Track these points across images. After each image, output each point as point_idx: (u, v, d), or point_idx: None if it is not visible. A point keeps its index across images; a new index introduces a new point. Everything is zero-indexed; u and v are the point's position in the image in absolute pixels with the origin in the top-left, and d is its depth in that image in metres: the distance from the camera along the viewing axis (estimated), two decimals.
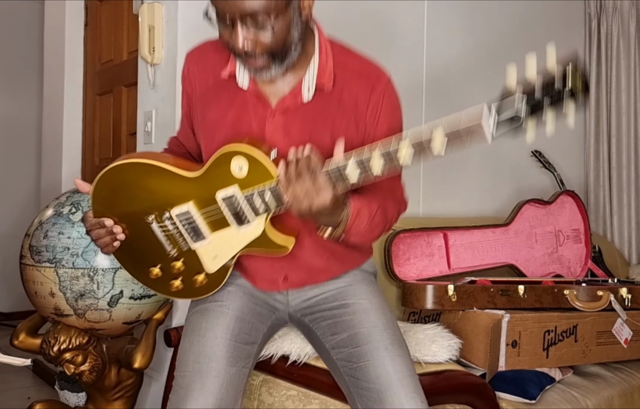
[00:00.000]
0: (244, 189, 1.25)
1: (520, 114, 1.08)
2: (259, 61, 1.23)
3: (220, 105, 1.36)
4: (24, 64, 4.25)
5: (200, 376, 1.30)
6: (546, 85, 1.06)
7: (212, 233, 1.32)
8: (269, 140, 1.31)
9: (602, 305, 1.95)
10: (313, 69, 1.31)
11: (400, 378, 1.31)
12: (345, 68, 1.33)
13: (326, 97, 1.32)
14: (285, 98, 1.31)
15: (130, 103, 2.62)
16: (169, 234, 1.35)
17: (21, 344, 1.91)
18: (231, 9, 1.16)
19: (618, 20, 3.28)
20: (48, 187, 3.10)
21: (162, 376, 2.04)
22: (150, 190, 1.31)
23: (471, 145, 1.12)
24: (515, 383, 1.84)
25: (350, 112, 1.32)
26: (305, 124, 1.31)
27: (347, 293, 1.45)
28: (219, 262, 1.36)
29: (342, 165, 1.16)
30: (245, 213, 1.27)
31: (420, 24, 2.70)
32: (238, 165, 1.23)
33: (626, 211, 3.26)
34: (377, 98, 1.33)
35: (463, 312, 1.89)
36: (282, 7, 1.17)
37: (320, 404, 1.56)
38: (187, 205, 1.30)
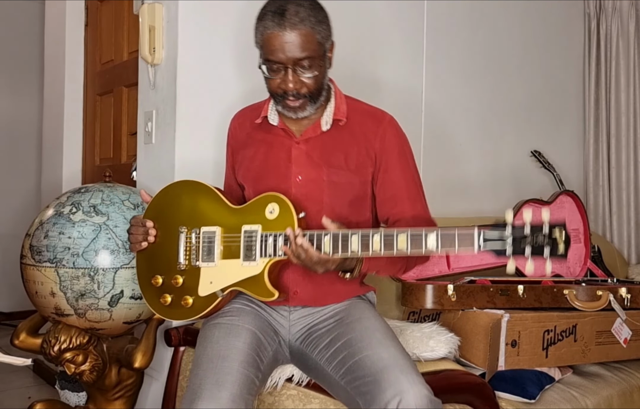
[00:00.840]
0: (265, 230, 1.46)
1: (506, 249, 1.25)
2: (299, 101, 1.51)
3: (254, 143, 1.64)
4: (24, 64, 4.25)
5: (214, 374, 1.38)
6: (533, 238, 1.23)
7: (220, 260, 1.51)
8: (295, 162, 1.57)
9: (601, 304, 1.95)
10: (331, 107, 1.59)
11: (395, 360, 1.37)
12: (356, 110, 1.62)
13: (341, 129, 1.59)
14: (307, 130, 1.58)
15: (131, 104, 2.63)
16: (189, 246, 1.55)
17: (22, 344, 1.92)
18: (287, 58, 1.45)
19: (617, 20, 3.28)
20: (48, 187, 3.10)
21: (162, 375, 2.05)
22: (195, 206, 1.56)
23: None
24: (515, 382, 1.84)
25: (361, 141, 1.58)
26: (324, 149, 1.57)
27: (344, 312, 1.57)
28: (212, 288, 1.51)
29: (344, 234, 1.37)
30: (255, 250, 1.47)
31: (420, 25, 2.71)
32: (271, 209, 1.48)
33: (625, 211, 3.26)
34: (384, 130, 1.59)
35: (463, 312, 1.89)
36: (322, 55, 1.50)
37: (320, 404, 1.57)
38: (216, 228, 1.52)
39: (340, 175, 1.56)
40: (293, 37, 1.44)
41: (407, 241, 1.33)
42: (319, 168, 1.56)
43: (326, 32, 1.50)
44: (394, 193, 1.58)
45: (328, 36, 1.51)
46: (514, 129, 3.10)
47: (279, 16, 1.44)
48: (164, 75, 2.12)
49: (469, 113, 2.90)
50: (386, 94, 2.54)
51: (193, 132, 2.09)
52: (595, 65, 3.37)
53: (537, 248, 1.21)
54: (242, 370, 1.39)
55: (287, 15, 1.44)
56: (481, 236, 1.27)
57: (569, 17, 3.37)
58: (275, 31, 1.44)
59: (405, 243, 1.33)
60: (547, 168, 2.99)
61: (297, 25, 1.44)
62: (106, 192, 1.87)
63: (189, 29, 2.07)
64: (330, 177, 1.55)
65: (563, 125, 3.36)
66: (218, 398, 1.32)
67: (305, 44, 1.45)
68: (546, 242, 1.21)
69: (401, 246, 1.33)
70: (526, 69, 3.14)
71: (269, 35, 1.45)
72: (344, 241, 1.37)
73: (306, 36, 1.45)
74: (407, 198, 1.58)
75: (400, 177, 1.59)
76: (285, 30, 1.44)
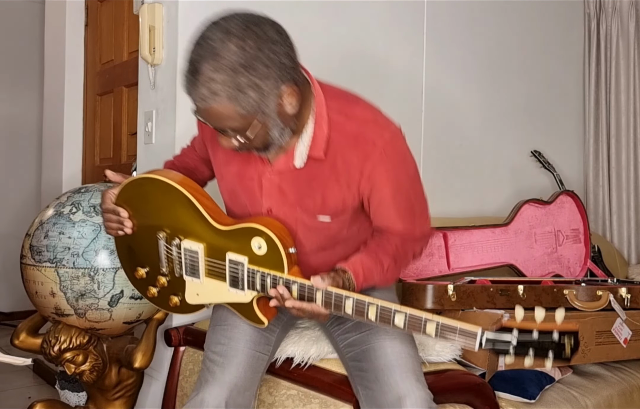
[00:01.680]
0: (252, 264, 1.33)
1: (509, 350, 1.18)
2: (253, 149, 1.31)
3: (227, 153, 1.41)
4: (24, 64, 4.25)
5: (222, 356, 1.41)
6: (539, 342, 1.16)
7: (205, 278, 1.41)
8: (266, 193, 1.39)
9: (601, 304, 1.95)
10: (307, 138, 1.32)
11: (398, 358, 1.37)
12: (341, 133, 1.32)
13: (319, 164, 1.34)
14: (280, 160, 1.36)
15: (131, 104, 2.63)
16: (170, 257, 1.44)
17: (22, 344, 1.92)
18: (209, 124, 1.25)
19: (617, 20, 3.28)
20: (48, 187, 3.10)
21: (162, 375, 2.05)
22: (175, 215, 1.41)
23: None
24: (515, 382, 1.84)
25: (343, 178, 1.34)
26: (298, 186, 1.36)
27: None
28: (199, 300, 1.45)
29: (337, 296, 1.25)
30: (243, 282, 1.35)
31: (420, 25, 2.71)
32: (258, 244, 1.32)
33: (625, 211, 3.26)
34: (372, 167, 1.32)
35: (463, 312, 1.89)
36: (252, 122, 1.22)
37: (320, 404, 1.57)
38: (198, 246, 1.39)
39: (315, 219, 1.38)
40: (207, 110, 1.20)
41: (405, 321, 1.22)
42: (291, 207, 1.38)
43: (257, 98, 1.19)
44: (386, 218, 1.41)
45: (265, 99, 1.20)
46: (514, 129, 3.10)
47: (190, 80, 1.20)
48: (164, 75, 2.12)
49: (469, 113, 2.90)
50: (386, 94, 2.55)
51: (193, 132, 2.08)
52: (595, 65, 3.37)
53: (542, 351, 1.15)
54: (247, 350, 1.43)
55: (197, 84, 1.18)
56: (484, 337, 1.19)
57: (569, 17, 3.37)
58: (190, 95, 1.22)
59: (403, 322, 1.22)
60: (547, 168, 2.99)
61: (208, 99, 1.18)
62: None
63: (189, 29, 2.06)
64: (304, 220, 1.38)
65: (563, 125, 3.36)
66: (225, 374, 1.38)
67: (224, 119, 1.21)
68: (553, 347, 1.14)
69: (398, 322, 1.23)
70: (526, 69, 3.14)
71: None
72: (337, 302, 1.26)
73: (222, 112, 1.19)
74: (400, 222, 1.42)
75: (393, 208, 1.39)
76: (197, 101, 1.21)
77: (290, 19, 2.24)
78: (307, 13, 2.30)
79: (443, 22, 2.77)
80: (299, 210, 1.38)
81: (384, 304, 1.23)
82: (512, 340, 1.16)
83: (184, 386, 1.93)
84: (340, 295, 1.26)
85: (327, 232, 1.41)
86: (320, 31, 2.34)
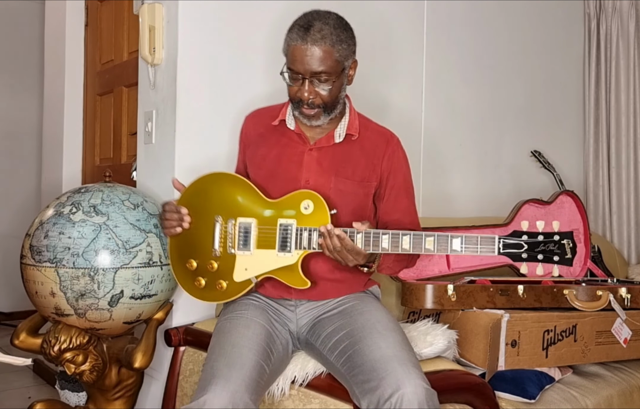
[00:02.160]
0: (300, 224, 1.56)
1: (521, 256, 1.43)
2: (314, 111, 1.62)
3: (269, 143, 1.73)
4: (24, 64, 4.26)
5: (226, 360, 1.44)
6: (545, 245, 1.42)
7: (256, 249, 1.60)
8: (306, 167, 1.67)
9: (601, 304, 1.95)
10: (345, 121, 1.71)
11: (393, 349, 1.42)
12: (367, 128, 1.74)
13: (352, 143, 1.70)
14: (321, 139, 1.70)
15: (131, 104, 2.63)
16: (225, 235, 1.62)
17: (22, 344, 1.91)
18: (305, 69, 1.57)
19: (617, 20, 3.28)
20: (48, 187, 3.10)
21: (162, 375, 2.05)
22: (231, 197, 1.64)
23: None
24: (515, 382, 1.84)
25: (370, 157, 1.70)
26: (334, 159, 1.68)
27: (348, 305, 1.65)
28: (248, 274, 1.60)
29: (375, 233, 1.50)
30: (291, 243, 1.57)
31: (420, 25, 2.71)
32: (306, 204, 1.57)
33: (625, 211, 3.26)
34: (392, 151, 1.72)
35: (463, 312, 1.89)
36: (339, 71, 1.61)
37: (320, 404, 1.57)
38: (252, 220, 1.61)
39: (347, 184, 1.66)
40: (313, 51, 1.56)
41: (435, 243, 1.49)
42: (327, 176, 1.66)
43: (347, 51, 1.61)
44: (397, 209, 1.72)
45: (349, 55, 1.62)
46: (514, 129, 3.10)
47: (304, 30, 1.57)
48: (164, 75, 2.12)
49: (469, 113, 2.90)
50: (386, 94, 2.55)
51: (193, 132, 2.09)
52: (595, 65, 3.37)
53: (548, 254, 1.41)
54: (252, 356, 1.46)
55: (311, 31, 1.56)
56: (500, 242, 1.43)
57: (569, 17, 3.37)
58: (298, 43, 1.57)
59: (433, 244, 1.49)
60: (547, 168, 2.99)
61: (318, 41, 1.56)
62: (106, 192, 1.87)
63: (189, 29, 2.07)
64: (337, 185, 1.65)
65: (563, 125, 3.36)
66: (229, 378, 1.38)
67: (324, 60, 1.56)
68: (556, 249, 1.40)
69: (429, 246, 1.48)
70: (526, 69, 3.14)
71: (293, 46, 1.58)
72: (375, 239, 1.50)
73: (325, 52, 1.56)
74: (407, 214, 1.73)
75: (405, 197, 1.74)
76: (307, 44, 1.56)
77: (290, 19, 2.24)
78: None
79: (443, 22, 2.77)
80: (334, 178, 1.66)
81: (415, 232, 1.50)
82: (523, 243, 1.41)
83: (184, 386, 1.93)
84: (377, 232, 1.51)
85: (354, 205, 1.67)
86: None
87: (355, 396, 1.42)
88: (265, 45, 2.22)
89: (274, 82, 2.25)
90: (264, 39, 2.21)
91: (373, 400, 1.36)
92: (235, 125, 2.15)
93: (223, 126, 2.14)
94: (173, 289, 1.93)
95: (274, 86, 2.24)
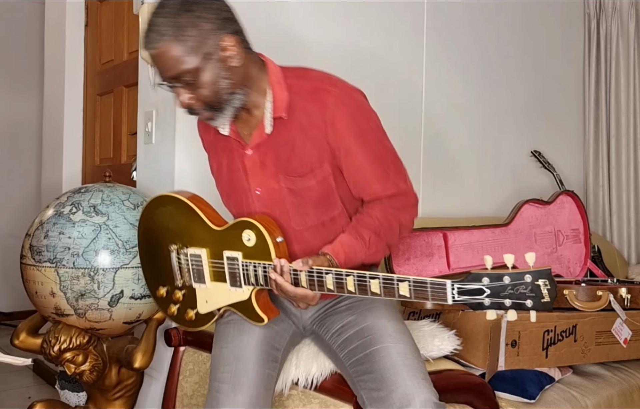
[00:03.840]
0: (246, 258, 1.41)
1: (483, 304, 1.13)
2: (204, 114, 1.39)
3: (217, 154, 1.56)
4: (24, 65, 4.25)
5: (232, 377, 1.40)
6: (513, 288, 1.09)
7: (211, 282, 1.49)
8: (250, 174, 1.47)
9: (601, 304, 1.95)
10: (269, 103, 1.42)
11: (403, 358, 1.36)
12: (299, 93, 1.41)
13: (286, 124, 1.42)
14: (254, 135, 1.45)
15: (131, 104, 2.63)
16: (181, 267, 1.54)
17: (22, 344, 1.91)
18: (164, 78, 1.35)
19: (617, 20, 3.28)
20: (48, 187, 3.10)
21: (162, 375, 2.05)
22: (181, 226, 1.53)
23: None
24: (515, 382, 1.84)
25: (310, 131, 1.41)
26: (275, 154, 1.44)
27: (356, 302, 1.53)
28: (209, 307, 1.52)
29: (318, 272, 1.30)
30: (240, 278, 1.43)
31: (420, 25, 2.71)
32: (248, 236, 1.41)
33: (625, 211, 3.26)
34: (332, 114, 1.39)
35: (463, 312, 1.89)
36: (200, 63, 1.31)
37: (320, 404, 1.57)
38: (201, 250, 1.49)
39: (297, 182, 1.44)
40: (157, 56, 1.31)
41: (380, 287, 1.25)
42: (275, 178, 1.45)
43: (199, 36, 1.30)
44: (360, 177, 1.45)
45: (205, 38, 1.31)
46: (514, 129, 3.10)
47: (145, 34, 1.33)
48: None
49: (469, 113, 2.90)
50: (386, 94, 2.55)
51: (193, 132, 2.08)
52: (595, 65, 3.37)
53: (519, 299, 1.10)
54: (257, 369, 1.42)
55: (148, 33, 1.31)
56: (454, 289, 1.15)
57: (569, 17, 3.37)
58: (144, 52, 1.38)
59: (379, 288, 1.25)
60: (547, 168, 2.99)
61: (156, 42, 1.30)
62: (106, 192, 1.87)
63: None
64: (287, 184, 1.45)
65: (563, 125, 3.36)
66: (235, 403, 1.36)
67: (171, 61, 1.30)
68: (529, 292, 1.09)
69: (374, 289, 1.26)
70: (526, 69, 3.14)
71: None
72: (319, 280, 1.31)
73: (168, 52, 1.30)
74: (375, 180, 1.44)
75: (363, 159, 1.42)
76: (150, 50, 1.32)
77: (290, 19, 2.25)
78: (307, 13, 2.30)
79: (443, 22, 2.77)
80: (282, 178, 1.44)
81: (360, 272, 1.27)
82: (484, 288, 1.12)
83: (183, 386, 1.93)
84: (320, 271, 1.30)
85: (315, 199, 1.45)
86: (320, 31, 2.34)
87: (362, 399, 1.39)
88: (265, 45, 2.21)
89: None
90: (264, 39, 2.21)
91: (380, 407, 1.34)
92: None
93: None
94: None
95: None
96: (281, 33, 2.25)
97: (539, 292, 1.09)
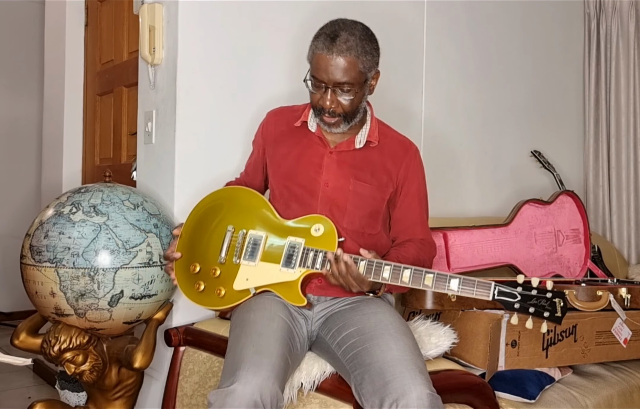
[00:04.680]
0: (308, 244, 1.61)
1: (514, 306, 1.46)
2: (334, 119, 1.66)
3: (289, 142, 1.78)
4: (24, 65, 4.26)
5: (254, 347, 1.43)
6: (538, 300, 1.45)
7: (260, 261, 1.65)
8: (325, 169, 1.71)
9: (601, 304, 1.95)
10: (366, 128, 1.75)
11: (402, 353, 1.41)
12: (387, 136, 1.79)
13: (372, 149, 1.75)
14: (342, 143, 1.73)
15: (131, 104, 2.63)
16: (233, 244, 1.69)
17: (22, 344, 1.91)
18: (329, 79, 1.61)
19: (617, 20, 3.28)
20: (49, 187, 3.10)
21: (162, 375, 2.05)
22: (246, 211, 1.73)
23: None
24: (515, 382, 1.84)
25: (388, 164, 1.74)
26: (354, 163, 1.72)
27: (361, 303, 1.65)
28: (248, 284, 1.65)
29: (378, 264, 1.52)
30: (296, 260, 1.61)
31: (420, 25, 2.71)
32: (317, 227, 1.63)
33: (625, 211, 3.26)
34: (410, 159, 1.77)
35: (463, 312, 1.89)
36: (362, 82, 1.64)
37: (320, 404, 1.57)
38: (263, 232, 1.68)
39: (365, 188, 1.70)
40: (338, 62, 1.59)
41: (433, 280, 1.48)
42: (346, 178, 1.70)
43: (371, 62, 1.64)
44: (410, 217, 1.76)
45: (372, 66, 1.66)
46: (514, 129, 3.10)
47: (330, 40, 1.59)
48: (164, 75, 2.12)
49: (469, 113, 2.90)
50: (386, 94, 2.54)
51: (193, 132, 2.09)
52: (595, 65, 3.37)
53: (539, 309, 1.44)
54: (278, 346, 1.46)
55: (337, 41, 1.58)
56: (496, 289, 1.46)
57: (569, 17, 3.37)
58: (323, 53, 1.60)
59: (432, 281, 1.48)
60: (547, 168, 2.99)
61: (344, 52, 1.58)
62: (106, 192, 1.87)
63: (189, 29, 2.07)
64: (356, 187, 1.70)
65: (563, 125, 3.36)
66: (259, 364, 1.38)
67: (348, 70, 1.59)
68: (547, 306, 1.43)
69: (427, 282, 1.48)
70: (526, 69, 3.14)
71: (318, 55, 1.61)
72: (377, 268, 1.52)
73: (350, 63, 1.59)
74: (420, 224, 1.78)
75: (418, 205, 1.77)
76: (332, 54, 1.59)
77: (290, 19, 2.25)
78: (307, 13, 2.30)
79: (443, 22, 2.77)
80: (352, 180, 1.70)
81: (416, 267, 1.50)
82: (517, 294, 1.45)
83: (184, 386, 1.93)
84: (380, 263, 1.52)
85: (368, 209, 1.71)
86: None
87: (358, 394, 1.42)
88: (265, 45, 2.22)
89: (274, 82, 2.25)
90: (264, 39, 2.21)
91: (376, 402, 1.36)
92: (235, 125, 2.15)
93: (223, 126, 2.14)
94: (173, 289, 1.93)
95: (274, 85, 2.24)
96: (284, 32, 2.26)
97: (555, 308, 1.43)
